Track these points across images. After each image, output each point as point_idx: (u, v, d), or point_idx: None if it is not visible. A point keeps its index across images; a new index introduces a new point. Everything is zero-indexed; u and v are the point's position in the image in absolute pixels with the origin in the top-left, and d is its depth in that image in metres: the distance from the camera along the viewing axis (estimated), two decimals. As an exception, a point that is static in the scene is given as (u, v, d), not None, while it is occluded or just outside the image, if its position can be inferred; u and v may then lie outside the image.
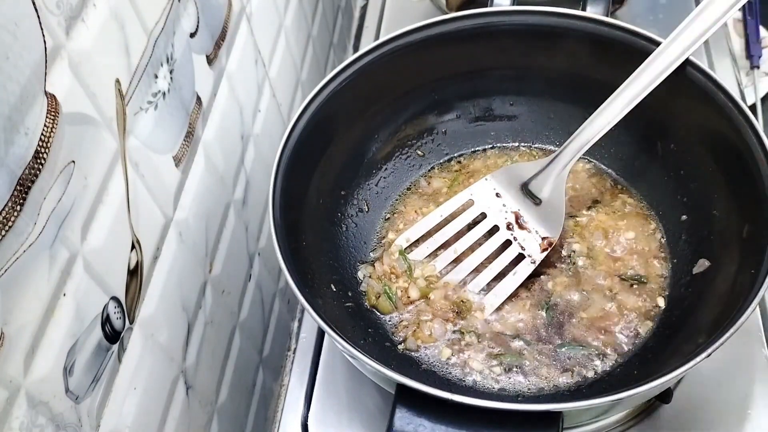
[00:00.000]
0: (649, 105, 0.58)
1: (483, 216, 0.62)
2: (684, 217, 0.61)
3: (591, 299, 0.59)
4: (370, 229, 0.66)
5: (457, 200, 0.63)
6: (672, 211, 0.62)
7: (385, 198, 0.67)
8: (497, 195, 0.63)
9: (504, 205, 0.62)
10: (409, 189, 0.68)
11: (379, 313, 0.60)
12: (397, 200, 0.68)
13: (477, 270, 0.61)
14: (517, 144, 0.70)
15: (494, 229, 0.62)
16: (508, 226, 0.62)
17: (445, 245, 0.62)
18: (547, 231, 0.61)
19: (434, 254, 0.62)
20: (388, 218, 0.66)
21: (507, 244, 0.61)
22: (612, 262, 0.61)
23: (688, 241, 0.60)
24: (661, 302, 0.59)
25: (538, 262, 0.60)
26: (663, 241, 0.62)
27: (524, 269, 0.60)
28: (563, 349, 0.57)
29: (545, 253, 0.60)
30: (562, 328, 0.58)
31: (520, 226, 0.61)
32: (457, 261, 0.62)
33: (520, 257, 0.61)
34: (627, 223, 0.64)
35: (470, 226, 0.63)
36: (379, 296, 0.60)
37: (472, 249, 0.62)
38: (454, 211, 0.63)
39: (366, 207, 0.66)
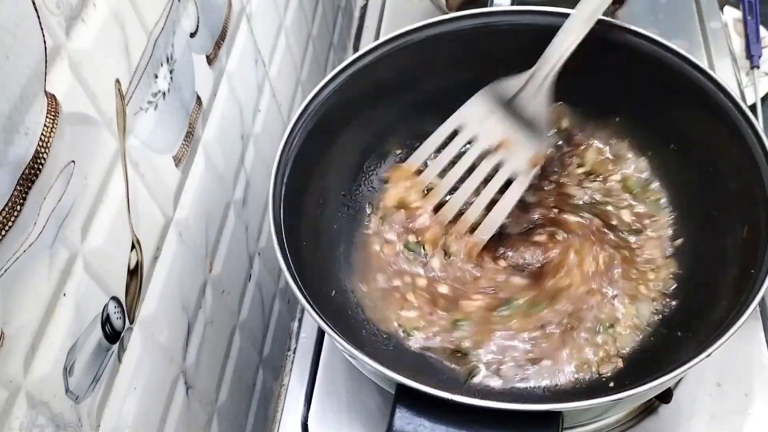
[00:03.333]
0: (649, 105, 0.58)
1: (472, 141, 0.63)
2: (682, 217, 0.61)
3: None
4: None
5: (446, 127, 0.63)
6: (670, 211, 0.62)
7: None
8: (487, 114, 0.62)
9: (493, 125, 0.62)
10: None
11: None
12: (397, 200, 0.68)
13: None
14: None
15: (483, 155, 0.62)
16: (497, 148, 0.62)
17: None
18: (535, 148, 0.61)
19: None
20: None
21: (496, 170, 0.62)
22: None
23: (688, 242, 0.60)
24: (661, 302, 0.59)
25: (528, 180, 0.61)
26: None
27: (516, 189, 0.61)
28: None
29: (535, 168, 0.61)
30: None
31: (507, 145, 0.61)
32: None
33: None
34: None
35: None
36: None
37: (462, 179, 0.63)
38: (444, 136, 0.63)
39: (366, 207, 0.66)
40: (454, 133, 0.63)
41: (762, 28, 1.07)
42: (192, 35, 0.57)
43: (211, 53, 0.61)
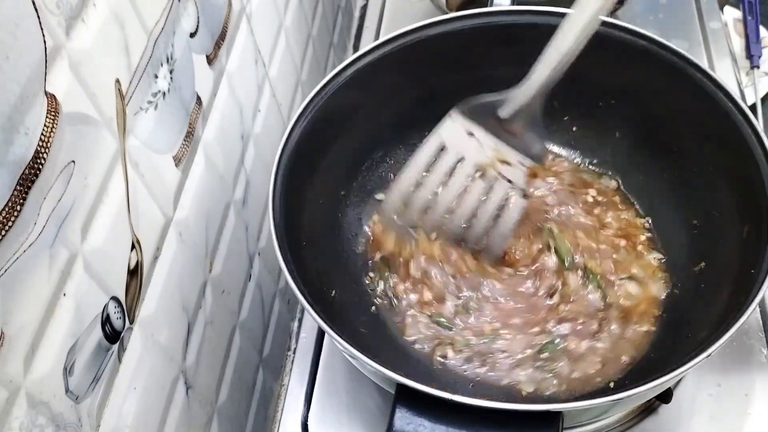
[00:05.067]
0: (649, 105, 0.58)
1: (461, 160, 0.59)
2: (683, 217, 0.61)
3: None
4: (370, 229, 0.66)
5: (428, 149, 0.59)
6: (671, 211, 0.62)
7: (385, 198, 0.67)
8: (470, 134, 0.59)
9: (480, 144, 0.59)
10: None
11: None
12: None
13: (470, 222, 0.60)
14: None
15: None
16: (488, 167, 0.59)
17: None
18: (531, 160, 0.59)
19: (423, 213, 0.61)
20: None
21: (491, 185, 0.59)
22: (611, 264, 0.61)
23: (688, 242, 0.60)
24: (661, 303, 0.59)
25: (526, 192, 0.59)
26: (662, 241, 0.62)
27: (517, 204, 0.59)
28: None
29: (532, 180, 0.59)
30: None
31: (502, 162, 0.59)
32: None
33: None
34: (625, 224, 0.64)
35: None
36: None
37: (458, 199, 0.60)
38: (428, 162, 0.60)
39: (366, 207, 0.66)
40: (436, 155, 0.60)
41: (762, 28, 1.07)
42: (192, 35, 0.57)
43: (211, 53, 0.61)
